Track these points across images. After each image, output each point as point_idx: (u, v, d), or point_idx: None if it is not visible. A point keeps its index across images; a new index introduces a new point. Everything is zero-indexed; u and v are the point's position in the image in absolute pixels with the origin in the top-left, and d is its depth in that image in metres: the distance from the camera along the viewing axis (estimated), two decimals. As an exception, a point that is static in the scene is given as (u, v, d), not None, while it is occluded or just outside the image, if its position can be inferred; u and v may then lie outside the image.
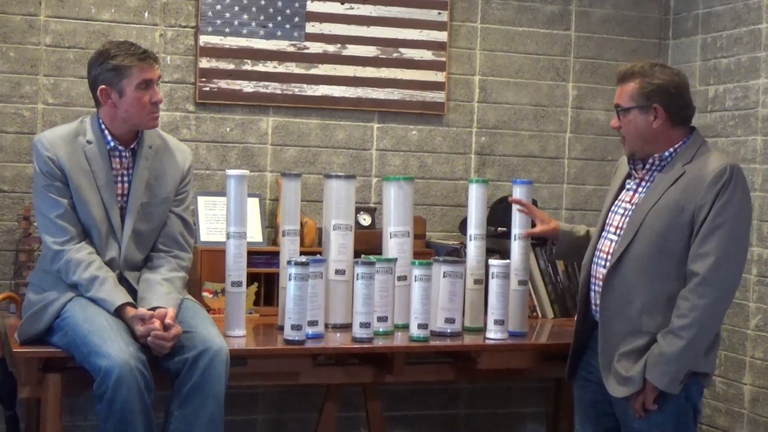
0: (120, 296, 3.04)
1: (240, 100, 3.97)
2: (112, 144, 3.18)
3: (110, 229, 3.16)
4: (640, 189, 3.04)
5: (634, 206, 3.01)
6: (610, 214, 3.09)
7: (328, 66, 4.00)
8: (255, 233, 3.74)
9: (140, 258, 3.22)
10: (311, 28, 3.92)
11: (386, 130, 4.22)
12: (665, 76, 2.98)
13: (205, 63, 3.89)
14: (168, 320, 2.97)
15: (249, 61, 3.94)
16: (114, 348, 2.86)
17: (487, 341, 3.49)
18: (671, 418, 2.94)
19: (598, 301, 3.04)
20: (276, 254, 3.55)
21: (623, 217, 3.03)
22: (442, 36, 4.17)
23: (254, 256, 3.55)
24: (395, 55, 4.10)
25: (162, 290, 3.10)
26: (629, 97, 2.98)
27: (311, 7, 3.90)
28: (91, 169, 3.14)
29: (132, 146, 3.21)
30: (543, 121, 4.44)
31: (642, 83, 2.96)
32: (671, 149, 3.00)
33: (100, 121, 3.18)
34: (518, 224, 3.59)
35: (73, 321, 2.99)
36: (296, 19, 3.88)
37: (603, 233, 3.09)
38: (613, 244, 3.02)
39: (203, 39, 3.88)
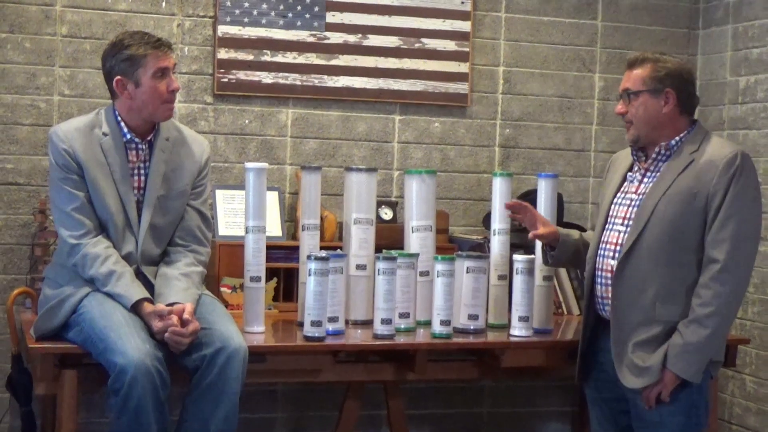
0: (137, 291, 3.03)
1: (259, 91, 3.96)
2: (129, 136, 3.16)
3: (127, 223, 3.15)
4: (645, 179, 3.05)
5: (641, 196, 3.02)
6: (612, 206, 3.10)
7: (349, 57, 3.99)
8: (274, 227, 3.75)
9: (157, 252, 3.21)
10: (331, 17, 3.92)
11: (408, 122, 4.20)
12: (677, 62, 3.05)
13: (223, 54, 3.89)
14: (186, 315, 2.95)
15: (268, 52, 3.93)
16: (130, 345, 2.86)
17: (512, 338, 3.48)
18: (685, 408, 2.94)
19: (604, 294, 3.06)
20: (295, 249, 3.55)
21: (630, 208, 3.04)
22: (465, 26, 4.15)
23: (273, 250, 3.57)
24: (417, 45, 4.09)
25: (180, 285, 3.08)
26: (641, 81, 3.00)
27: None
28: (107, 161, 3.13)
29: (149, 138, 3.19)
30: (569, 112, 4.41)
31: (655, 67, 3.00)
32: (677, 138, 3.02)
33: (116, 112, 3.17)
34: (544, 216, 3.55)
35: (89, 316, 2.98)
36: (316, 9, 3.89)
37: (608, 226, 3.09)
38: (622, 235, 3.03)
39: (222, 29, 3.87)
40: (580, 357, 3.20)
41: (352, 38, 3.99)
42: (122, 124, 3.16)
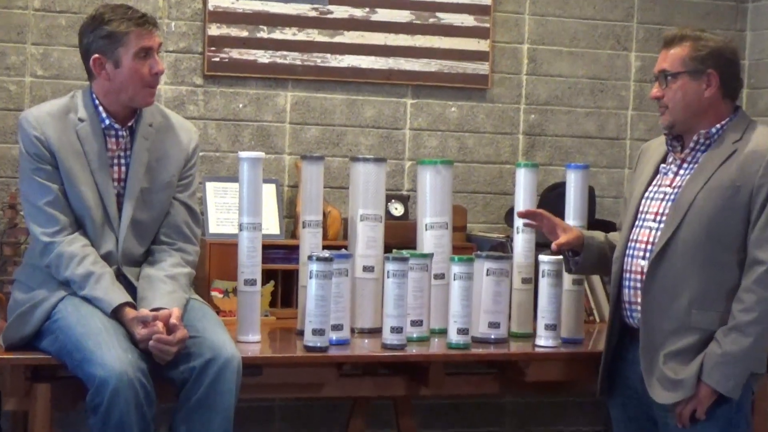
0: (118, 295, 3.03)
1: (254, 72, 3.98)
2: (108, 122, 3.17)
3: (106, 219, 3.15)
4: (681, 171, 3.05)
5: (677, 190, 3.02)
6: (644, 201, 3.10)
7: (355, 33, 4.00)
8: (271, 224, 3.77)
9: (140, 251, 3.21)
10: None
11: (421, 106, 4.20)
12: (720, 40, 3.02)
13: (214, 30, 3.90)
14: (173, 320, 2.96)
15: (265, 28, 3.94)
16: (111, 355, 2.86)
17: (537, 349, 3.48)
18: (722, 427, 2.93)
19: (632, 299, 3.06)
20: (295, 248, 3.57)
21: (664, 203, 3.04)
22: (485, -2, 4.17)
23: (270, 250, 3.60)
24: (432, 20, 4.09)
25: (165, 288, 3.09)
26: (680, 62, 2.99)
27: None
28: (83, 150, 3.13)
29: (130, 124, 3.20)
30: (601, 96, 4.41)
31: (695, 46, 2.98)
32: (718, 125, 3.01)
33: (94, 95, 3.18)
34: (574, 214, 3.57)
35: (64, 323, 2.99)
36: None
37: (637, 222, 3.09)
38: (654, 232, 3.03)
39: (212, 2, 3.90)
40: (604, 369, 3.20)
41: (358, 12, 4.00)
42: (100, 108, 3.17)
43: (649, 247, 3.03)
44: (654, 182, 3.11)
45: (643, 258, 3.03)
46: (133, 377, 2.85)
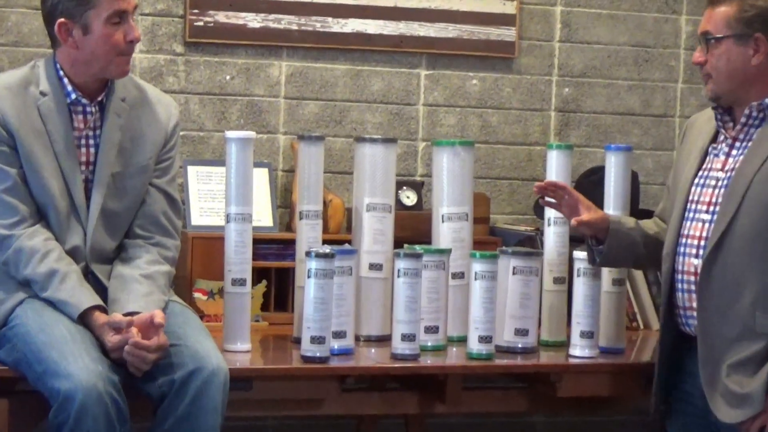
0: (86, 297, 3.03)
1: (243, 38, 3.99)
2: (74, 96, 3.16)
3: (72, 209, 3.15)
4: (734, 152, 3.04)
5: (730, 174, 3.01)
6: (693, 188, 3.09)
7: None
8: (263, 215, 3.78)
9: (111, 246, 3.21)
10: None
11: (437, 78, 4.20)
12: None
13: None
14: (158, 319, 2.96)
15: None
16: (77, 366, 2.84)
17: (572, 360, 3.48)
18: None
19: (686, 303, 3.07)
20: (291, 243, 3.59)
21: (716, 189, 3.03)
22: (512, -47, 4.17)
23: (262, 245, 3.61)
24: None
25: (140, 290, 3.09)
26: (724, 23, 2.99)
27: None
28: (46, 129, 3.12)
29: (99, 99, 3.19)
30: (646, 66, 4.41)
31: (742, 6, 2.98)
32: None
33: (58, 66, 3.17)
34: (614, 204, 3.56)
35: (24, 330, 2.98)
36: None
37: (687, 214, 3.09)
38: (707, 225, 3.03)
39: None
40: (658, 384, 3.19)
41: None
42: (65, 80, 3.16)
43: (702, 243, 3.03)
44: (704, 166, 3.11)
45: (696, 256, 3.03)
46: (103, 391, 2.84)
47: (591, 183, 3.94)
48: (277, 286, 3.74)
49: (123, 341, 2.94)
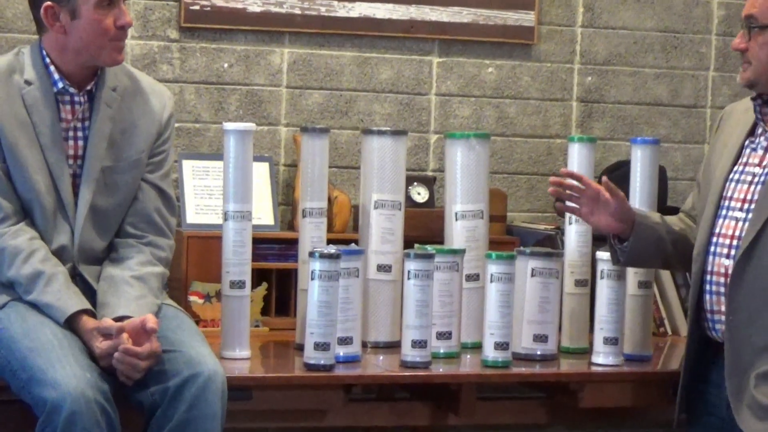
0: (73, 301, 3.03)
1: (243, 23, 3.99)
2: (61, 85, 3.17)
3: (59, 206, 3.16)
4: None
5: None
6: (727, 184, 3.09)
7: None
8: (264, 213, 3.79)
9: (101, 246, 3.22)
10: None
11: (451, 66, 4.20)
12: None
13: None
14: (151, 324, 2.96)
15: None
16: (65, 374, 2.85)
17: (594, 368, 3.49)
18: None
19: (715, 307, 3.07)
20: (294, 243, 3.60)
21: (752, 186, 3.04)
22: (531, -70, 4.18)
23: (263, 245, 3.62)
24: None
25: (132, 293, 3.09)
26: None
27: None
28: (31, 120, 3.13)
29: (89, 88, 3.20)
30: (675, 53, 4.41)
31: None
32: None
33: (44, 53, 3.18)
34: (640, 200, 3.56)
35: (7, 335, 2.99)
36: None
37: (720, 211, 3.08)
38: (741, 224, 3.02)
39: None
40: (682, 393, 3.20)
41: None
42: (52, 68, 3.17)
43: (734, 242, 3.03)
44: (739, 161, 3.11)
45: (728, 257, 3.03)
46: (92, 400, 2.84)
47: (615, 178, 3.90)
48: (278, 289, 3.75)
49: (113, 348, 2.95)
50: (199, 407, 2.95)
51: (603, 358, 3.49)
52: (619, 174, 3.90)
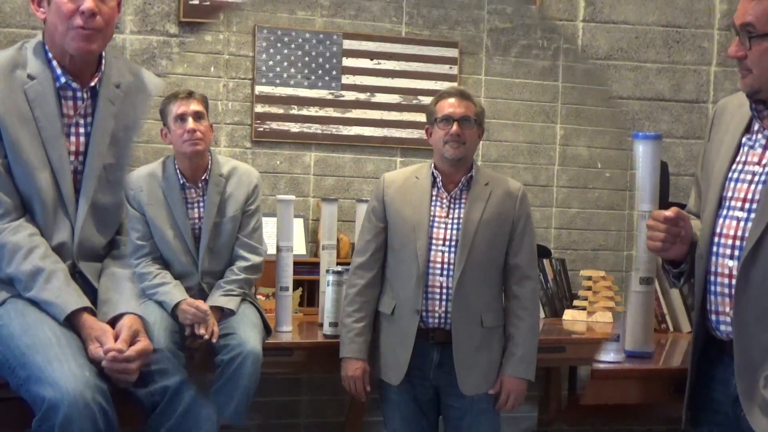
0: (73, 298, 3.00)
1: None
2: (63, 80, 3.10)
3: (60, 202, 3.11)
4: None
5: None
6: (728, 183, 3.03)
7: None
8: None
9: (101, 243, 3.18)
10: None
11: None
12: None
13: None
14: (137, 327, 2.97)
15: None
16: (63, 372, 2.83)
17: (595, 365, 3.51)
18: None
19: (719, 308, 3.02)
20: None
21: (752, 185, 2.98)
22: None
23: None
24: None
25: (133, 289, 3.11)
26: None
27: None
28: (33, 115, 3.08)
29: (92, 84, 3.13)
30: (677, 48, 4.53)
31: None
32: None
33: (46, 47, 3.11)
34: (642, 196, 3.58)
35: (6, 333, 2.96)
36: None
37: (721, 211, 3.03)
38: (743, 224, 2.97)
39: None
40: (689, 392, 3.16)
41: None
42: (54, 63, 3.10)
43: (737, 243, 2.97)
44: (738, 158, 3.05)
45: (732, 257, 2.98)
46: (90, 400, 2.83)
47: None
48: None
49: (108, 351, 2.92)
50: (192, 412, 3.07)
51: (604, 354, 3.50)
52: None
